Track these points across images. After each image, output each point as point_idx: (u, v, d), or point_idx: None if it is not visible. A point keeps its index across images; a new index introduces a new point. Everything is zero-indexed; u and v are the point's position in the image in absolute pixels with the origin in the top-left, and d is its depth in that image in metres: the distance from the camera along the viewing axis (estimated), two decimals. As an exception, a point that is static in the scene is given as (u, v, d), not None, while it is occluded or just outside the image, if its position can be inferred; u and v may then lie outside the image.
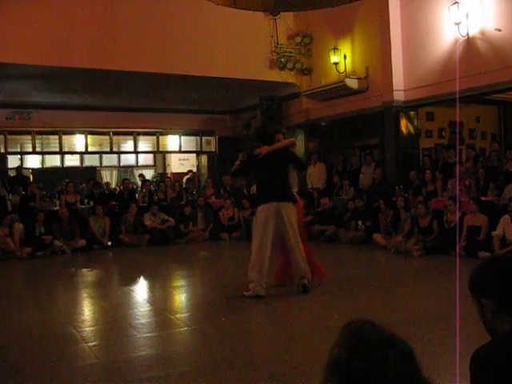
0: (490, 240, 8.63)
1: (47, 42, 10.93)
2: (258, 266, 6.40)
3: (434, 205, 10.18)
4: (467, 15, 10.15)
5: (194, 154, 18.57)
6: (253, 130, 7.71)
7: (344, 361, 1.23)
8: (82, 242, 11.53)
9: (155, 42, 12.01)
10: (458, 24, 10.25)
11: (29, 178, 15.17)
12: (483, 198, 9.46)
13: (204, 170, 18.64)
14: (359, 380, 1.20)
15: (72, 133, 16.24)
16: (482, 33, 10.08)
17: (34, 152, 15.99)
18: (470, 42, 10.26)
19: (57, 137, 16.03)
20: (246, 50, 12.93)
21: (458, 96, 8.91)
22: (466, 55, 10.31)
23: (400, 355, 1.24)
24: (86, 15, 11.31)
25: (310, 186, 13.55)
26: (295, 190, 7.05)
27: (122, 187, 14.31)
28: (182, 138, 17.87)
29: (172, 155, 18.67)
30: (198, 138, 18.06)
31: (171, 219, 12.48)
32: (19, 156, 16.14)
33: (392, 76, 11.74)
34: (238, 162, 7.11)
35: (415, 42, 11.51)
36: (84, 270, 9.84)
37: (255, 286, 6.37)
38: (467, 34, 10.25)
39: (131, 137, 17.09)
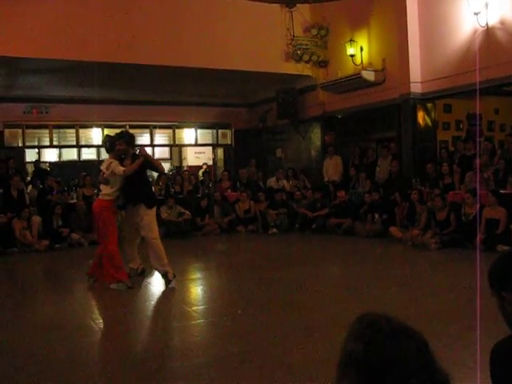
0: (508, 233, 8.55)
1: (64, 36, 10.96)
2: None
3: (452, 198, 10.10)
4: (486, 5, 10.00)
5: (210, 147, 18.57)
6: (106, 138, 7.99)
7: (360, 354, 1.21)
8: (99, 235, 11.59)
9: (171, 35, 12.02)
10: (477, 14, 10.10)
11: (47, 171, 15.28)
12: (502, 191, 9.36)
13: (220, 163, 18.65)
14: (377, 373, 1.18)
15: (89, 126, 16.33)
16: (502, 22, 9.92)
17: (51, 146, 16.10)
18: (489, 32, 10.10)
19: (74, 130, 16.13)
20: (262, 42, 12.89)
21: (478, 87, 8.78)
22: (485, 46, 10.15)
23: (416, 346, 1.22)
24: (103, 9, 11.34)
25: (326, 179, 13.52)
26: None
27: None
28: (198, 131, 17.89)
29: (188, 148, 18.68)
30: (214, 131, 18.07)
31: (187, 212, 12.50)
32: (37, 150, 16.26)
33: (409, 68, 11.62)
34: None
35: (433, 33, 11.37)
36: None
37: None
38: (486, 24, 10.10)
39: (147, 130, 17.14)
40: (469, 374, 3.34)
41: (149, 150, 17.53)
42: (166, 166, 18.50)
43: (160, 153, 18.36)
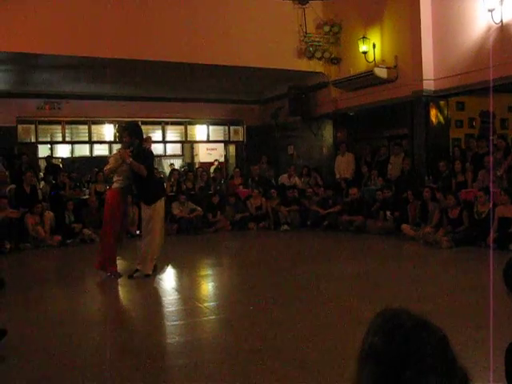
0: (521, 232, 8.49)
1: (77, 32, 11.01)
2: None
3: (464, 196, 10.04)
4: (501, 1, 9.91)
5: (222, 144, 18.59)
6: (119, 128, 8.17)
7: (380, 347, 1.21)
8: (111, 231, 11.65)
9: (184, 31, 12.03)
10: (491, 11, 10.02)
11: (60, 166, 15.38)
12: (515, 189, 9.29)
13: (232, 160, 18.66)
14: (396, 366, 1.18)
15: (101, 122, 16.40)
16: (517, 20, 9.85)
17: (63, 141, 16.20)
18: (503, 29, 10.02)
19: (86, 126, 16.21)
20: (274, 39, 12.87)
21: (491, 85, 8.72)
22: (500, 43, 10.07)
23: (436, 341, 1.22)
24: (116, 5, 11.37)
25: (338, 176, 13.49)
26: None
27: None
28: (210, 127, 17.91)
29: (200, 145, 18.72)
30: (226, 127, 18.08)
31: (199, 208, 12.53)
32: (49, 145, 16.35)
33: (422, 65, 11.56)
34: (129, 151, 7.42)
35: (446, 30, 11.30)
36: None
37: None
38: (501, 21, 10.01)
39: (159, 126, 17.19)
40: (480, 372, 3.32)
41: (161, 146, 17.66)
42: (178, 163, 18.61)
43: (172, 149, 18.42)
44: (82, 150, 16.89)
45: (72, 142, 16.52)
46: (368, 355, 1.23)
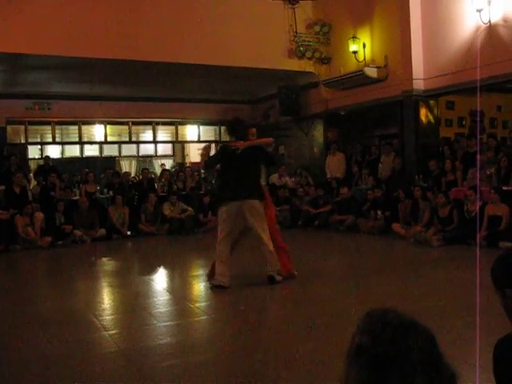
0: (511, 230, 8.54)
1: (67, 33, 10.95)
2: (224, 259, 6.65)
3: (454, 195, 10.09)
4: (489, 2, 9.98)
5: (213, 144, 18.57)
6: (226, 123, 7.64)
7: (368, 347, 1.22)
8: (102, 232, 11.64)
9: (174, 31, 12.00)
10: (479, 11, 10.08)
11: (55, 167, 15.31)
12: (504, 188, 9.35)
13: (223, 160, 18.62)
14: (384, 365, 1.18)
15: (91, 123, 16.34)
16: (505, 19, 9.90)
17: (53, 142, 16.13)
18: (491, 29, 10.09)
19: (76, 127, 16.15)
20: (264, 39, 12.88)
21: (478, 85, 8.79)
22: (488, 43, 10.14)
23: (423, 340, 1.23)
24: (106, 5, 11.34)
25: (328, 176, 13.52)
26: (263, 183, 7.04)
27: (141, 177, 14.40)
28: (201, 127, 17.90)
29: (191, 145, 18.70)
30: (217, 127, 18.07)
31: (190, 209, 12.52)
32: (39, 146, 16.28)
33: (412, 65, 11.61)
34: (203, 152, 7.09)
35: (435, 29, 11.35)
36: (104, 260, 9.94)
37: (221, 277, 6.49)
38: (489, 21, 10.08)
39: (150, 126, 17.15)
40: (468, 370, 3.34)
41: (151, 147, 17.63)
42: (169, 163, 18.57)
43: (163, 149, 18.38)
44: (73, 151, 16.82)
45: (62, 143, 16.46)
46: (356, 355, 1.23)
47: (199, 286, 7.31)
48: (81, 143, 16.46)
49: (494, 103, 13.96)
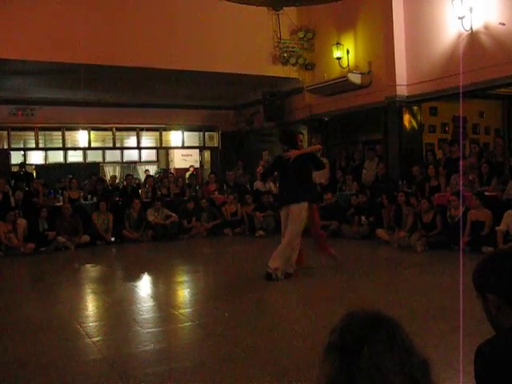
0: (493, 235, 8.61)
1: (50, 38, 10.91)
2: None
3: (438, 200, 10.16)
4: (471, 9, 10.10)
5: (197, 150, 18.57)
6: (281, 135, 8.15)
7: (336, 342, 1.30)
8: (86, 238, 11.55)
9: (158, 37, 11.99)
10: (461, 18, 10.20)
11: (32, 174, 15.19)
12: (487, 193, 9.44)
13: (207, 166, 18.65)
14: (351, 354, 1.26)
15: (75, 129, 16.26)
16: (486, 27, 10.03)
17: (37, 148, 16.02)
18: (473, 36, 10.22)
19: (60, 133, 16.06)
20: (248, 45, 12.92)
21: (461, 91, 8.88)
22: (470, 49, 10.25)
23: (389, 326, 1.31)
24: (90, 10, 11.31)
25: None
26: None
27: (125, 183, 14.33)
28: (185, 133, 17.90)
29: (175, 151, 18.67)
30: (201, 133, 18.09)
31: (174, 215, 12.47)
32: (22, 152, 16.16)
33: (395, 71, 11.70)
34: (262, 163, 7.59)
35: (418, 36, 11.46)
36: (87, 266, 9.86)
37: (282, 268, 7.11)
38: (471, 29, 10.21)
39: (134, 132, 17.12)
40: (452, 374, 3.37)
41: (135, 153, 17.58)
42: (153, 169, 18.53)
43: (147, 155, 18.34)
44: (56, 157, 16.72)
45: (45, 149, 16.35)
46: (327, 353, 1.31)
47: (183, 293, 7.29)
48: (64, 149, 16.36)
49: (477, 109, 14.09)
